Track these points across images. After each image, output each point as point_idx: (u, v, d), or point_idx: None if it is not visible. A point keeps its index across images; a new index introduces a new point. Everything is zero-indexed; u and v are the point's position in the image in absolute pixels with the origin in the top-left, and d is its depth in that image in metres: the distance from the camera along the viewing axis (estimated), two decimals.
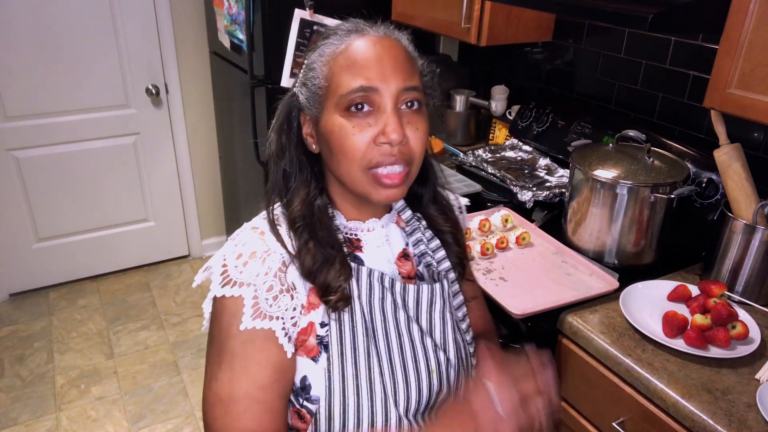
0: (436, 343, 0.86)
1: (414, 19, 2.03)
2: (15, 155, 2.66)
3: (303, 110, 0.81)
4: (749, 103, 1.13)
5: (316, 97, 0.78)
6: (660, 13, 1.12)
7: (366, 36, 0.77)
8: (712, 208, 1.48)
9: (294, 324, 0.77)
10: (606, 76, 1.86)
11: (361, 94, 0.74)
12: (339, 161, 0.77)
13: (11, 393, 2.32)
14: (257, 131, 2.32)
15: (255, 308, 0.74)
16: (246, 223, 0.83)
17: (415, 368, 0.82)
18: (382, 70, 0.75)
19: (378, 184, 0.77)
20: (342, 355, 0.78)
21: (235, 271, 0.75)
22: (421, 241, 0.91)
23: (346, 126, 0.75)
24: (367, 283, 0.82)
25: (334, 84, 0.76)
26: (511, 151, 2.04)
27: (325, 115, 0.77)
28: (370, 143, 0.75)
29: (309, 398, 0.79)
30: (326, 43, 0.79)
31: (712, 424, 0.99)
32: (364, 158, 0.76)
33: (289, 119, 0.83)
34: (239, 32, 2.27)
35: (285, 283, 0.77)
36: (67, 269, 3.00)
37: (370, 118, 0.75)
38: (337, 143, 0.76)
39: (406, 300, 0.85)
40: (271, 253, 0.77)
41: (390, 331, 0.82)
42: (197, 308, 2.87)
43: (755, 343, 1.16)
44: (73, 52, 2.59)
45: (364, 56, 0.75)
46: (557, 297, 1.33)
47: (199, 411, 2.27)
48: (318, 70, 0.78)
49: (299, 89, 0.81)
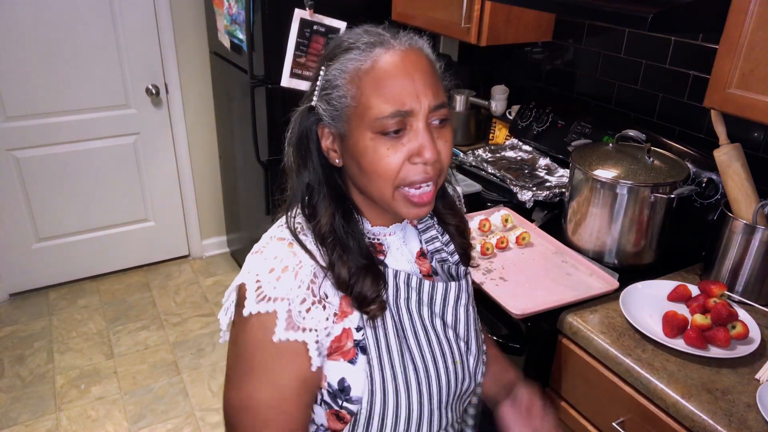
0: (458, 335, 0.89)
1: (414, 19, 2.03)
2: (15, 155, 2.66)
3: (321, 123, 0.79)
4: (749, 103, 1.13)
5: (342, 115, 0.76)
6: (660, 13, 1.12)
7: (391, 50, 0.74)
8: (712, 208, 1.48)
9: (327, 335, 0.78)
10: (606, 76, 1.86)
11: (396, 120, 0.73)
12: (370, 180, 0.77)
13: (11, 393, 2.32)
14: (257, 131, 2.32)
15: (288, 321, 0.75)
16: (268, 234, 0.82)
17: (443, 362, 0.85)
18: (414, 90, 0.73)
19: (409, 203, 0.78)
20: (380, 357, 0.80)
21: (269, 287, 0.75)
22: (436, 238, 0.94)
23: (380, 148, 0.74)
24: (393, 284, 0.83)
25: (363, 105, 0.74)
26: (511, 151, 2.04)
27: (355, 135, 0.75)
28: (404, 163, 0.75)
29: (349, 399, 0.80)
30: (348, 58, 0.75)
31: (712, 424, 0.99)
32: (398, 178, 0.76)
33: (307, 133, 0.80)
34: (239, 32, 2.27)
35: (317, 294, 0.77)
36: (67, 269, 3.00)
37: (403, 138, 0.74)
38: (371, 164, 0.75)
39: (434, 297, 0.87)
40: (303, 266, 0.76)
41: (417, 328, 0.85)
42: (197, 308, 2.88)
43: (755, 343, 1.16)
44: (73, 52, 2.59)
45: (393, 76, 0.73)
46: (557, 297, 1.33)
47: (199, 411, 2.27)
48: (343, 87, 0.75)
49: (318, 103, 0.78)
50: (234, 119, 2.71)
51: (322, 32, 2.10)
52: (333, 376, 0.80)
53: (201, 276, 3.14)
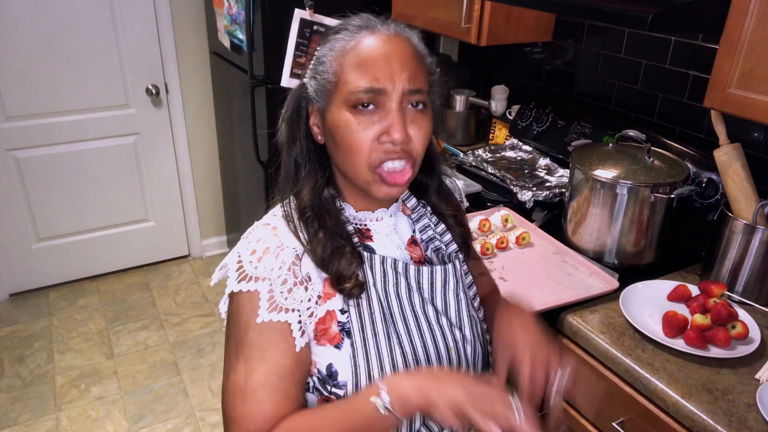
0: (451, 322, 0.89)
1: (414, 19, 2.03)
2: (15, 155, 2.66)
3: (311, 101, 0.83)
4: (749, 103, 1.13)
5: (324, 90, 0.80)
6: (660, 13, 1.12)
7: (376, 33, 0.78)
8: (712, 208, 1.48)
9: (311, 315, 0.80)
10: (606, 76, 1.86)
11: (368, 95, 0.76)
12: (344, 156, 0.80)
13: (11, 393, 2.32)
14: (257, 131, 2.32)
15: (270, 301, 0.77)
16: (257, 221, 0.85)
17: (435, 347, 0.85)
18: (389, 70, 0.76)
19: (381, 182, 0.80)
20: (364, 340, 0.81)
21: (250, 267, 0.78)
22: (429, 226, 0.94)
23: (352, 122, 0.77)
24: (380, 270, 0.84)
25: (342, 80, 0.77)
26: (511, 151, 2.04)
27: (332, 109, 0.79)
28: (373, 140, 0.77)
29: (336, 384, 0.81)
30: (337, 38, 0.80)
31: (712, 424, 0.99)
32: (369, 156, 0.78)
33: (298, 109, 0.85)
34: (239, 32, 2.27)
35: (299, 275, 0.79)
36: (67, 269, 3.00)
37: (375, 115, 0.77)
38: (342, 138, 0.78)
39: (421, 282, 0.87)
40: (284, 248, 0.79)
41: (407, 314, 0.85)
42: (197, 308, 2.88)
43: (755, 343, 1.16)
44: (73, 52, 2.59)
45: (372, 55, 0.77)
46: (557, 297, 1.33)
47: (199, 411, 2.27)
48: (327, 64, 0.79)
49: (309, 81, 0.83)
50: (234, 119, 2.71)
51: (322, 32, 2.10)
52: (322, 362, 0.81)
53: (201, 276, 3.14)
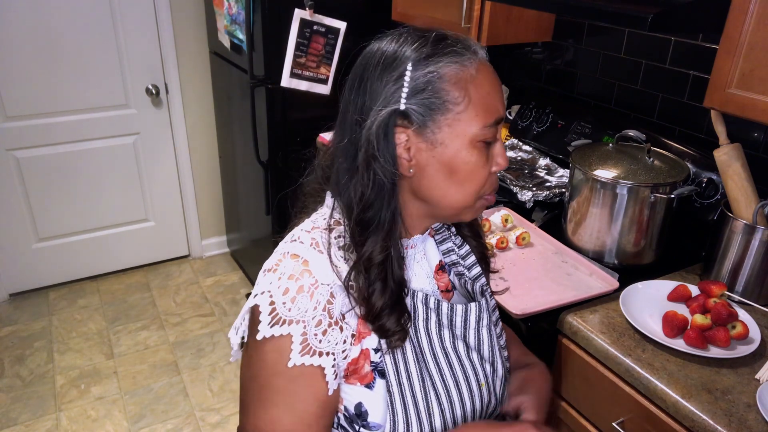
0: (483, 357, 0.86)
1: (414, 19, 2.03)
2: (15, 155, 2.66)
3: (399, 127, 0.73)
4: (749, 103, 1.13)
5: (436, 120, 0.72)
6: (660, 13, 1.12)
7: (481, 59, 0.76)
8: (712, 208, 1.48)
9: (345, 357, 0.76)
10: (606, 76, 1.86)
11: (494, 129, 0.75)
12: (457, 189, 0.76)
13: (11, 393, 2.32)
14: (257, 131, 2.32)
15: (304, 344, 0.72)
16: (280, 248, 0.78)
17: (467, 385, 0.83)
18: (501, 100, 0.77)
19: (481, 207, 0.81)
20: (400, 384, 0.77)
21: (283, 309, 0.72)
22: (453, 250, 0.93)
23: (478, 157, 0.75)
24: (411, 305, 0.80)
25: (469, 112, 0.73)
26: (511, 151, 2.04)
27: (449, 140, 0.73)
28: (490, 172, 0.78)
29: (366, 425, 0.78)
30: (444, 62, 0.72)
31: (712, 424, 0.99)
32: (483, 186, 0.78)
33: (386, 135, 0.72)
34: (239, 32, 2.27)
35: (334, 315, 0.74)
36: (67, 269, 3.00)
37: (492, 148, 0.78)
38: (465, 173, 0.75)
39: (454, 320, 0.84)
40: (318, 286, 0.73)
41: (437, 351, 0.82)
42: (197, 308, 2.88)
43: (755, 343, 1.16)
44: (73, 52, 2.59)
45: (492, 87, 0.75)
46: (557, 297, 1.33)
47: (199, 411, 2.27)
48: (444, 92, 0.71)
49: (409, 106, 0.72)
50: (234, 119, 2.71)
51: (322, 32, 2.10)
52: (350, 400, 0.78)
53: (201, 276, 3.14)
